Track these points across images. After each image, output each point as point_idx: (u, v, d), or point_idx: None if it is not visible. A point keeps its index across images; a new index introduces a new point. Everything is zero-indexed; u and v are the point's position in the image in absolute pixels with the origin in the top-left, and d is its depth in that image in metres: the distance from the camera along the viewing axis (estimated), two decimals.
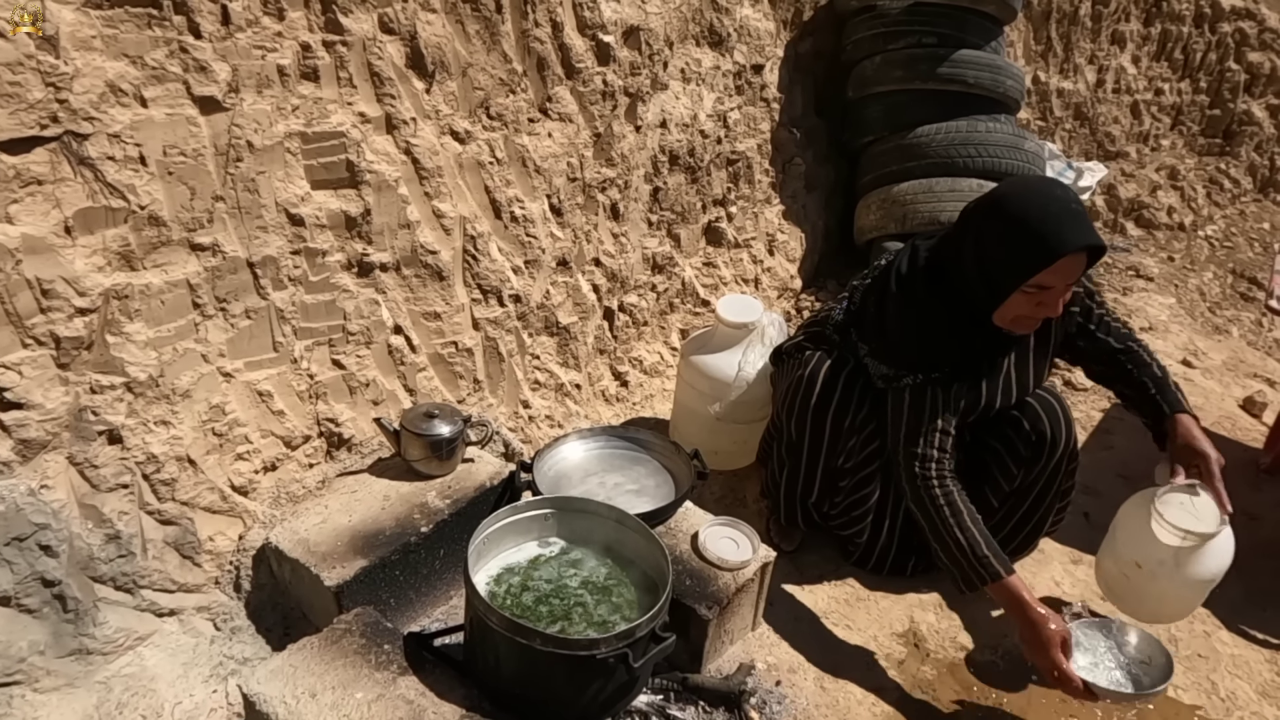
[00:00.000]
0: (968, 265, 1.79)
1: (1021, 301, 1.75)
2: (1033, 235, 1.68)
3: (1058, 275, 1.69)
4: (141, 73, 1.61)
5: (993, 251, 1.75)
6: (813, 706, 1.83)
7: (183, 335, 1.73)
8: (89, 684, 1.59)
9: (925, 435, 1.84)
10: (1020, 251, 1.70)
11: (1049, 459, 1.99)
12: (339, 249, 1.97)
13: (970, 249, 1.78)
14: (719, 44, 2.98)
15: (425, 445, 1.92)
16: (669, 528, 1.95)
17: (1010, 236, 1.72)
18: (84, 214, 1.56)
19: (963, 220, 1.83)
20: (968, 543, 1.77)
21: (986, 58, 3.22)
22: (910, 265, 1.91)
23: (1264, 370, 3.55)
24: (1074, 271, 1.70)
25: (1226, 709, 1.96)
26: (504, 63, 2.22)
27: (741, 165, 3.16)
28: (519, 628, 1.42)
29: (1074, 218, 1.68)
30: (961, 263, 1.80)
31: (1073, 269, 1.70)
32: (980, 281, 1.78)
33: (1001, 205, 1.75)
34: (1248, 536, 2.48)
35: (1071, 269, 1.69)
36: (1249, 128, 4.89)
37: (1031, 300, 1.74)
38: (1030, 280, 1.70)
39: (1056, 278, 1.70)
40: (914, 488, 1.85)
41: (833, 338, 2.06)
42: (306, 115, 1.85)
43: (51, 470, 1.55)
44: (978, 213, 1.80)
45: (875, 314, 1.93)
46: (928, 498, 1.82)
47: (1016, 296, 1.74)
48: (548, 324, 2.50)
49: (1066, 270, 1.69)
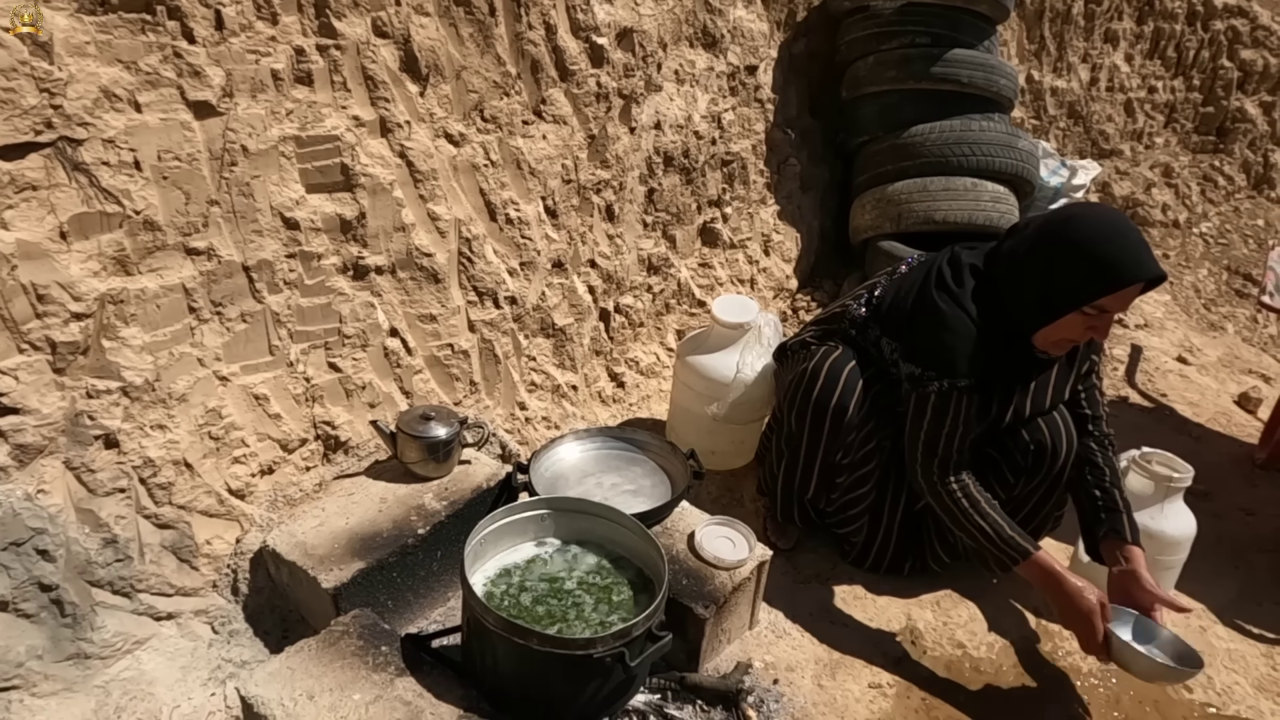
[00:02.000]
0: (1028, 280, 1.80)
1: (1076, 323, 1.79)
2: (1109, 259, 1.72)
3: (1119, 300, 1.75)
4: (135, 78, 1.61)
5: (1062, 269, 1.76)
6: (810, 705, 1.84)
7: (178, 339, 1.74)
8: (87, 688, 1.59)
9: (945, 442, 1.87)
10: (1094, 272, 1.73)
11: (1048, 470, 1.99)
12: (334, 252, 1.97)
13: (1036, 265, 1.79)
14: (712, 45, 2.98)
15: (422, 447, 1.93)
16: (665, 528, 1.95)
17: (1086, 257, 1.73)
18: (79, 219, 1.56)
19: (1028, 238, 1.84)
20: (992, 529, 1.83)
21: (980, 57, 3.23)
22: (954, 271, 1.91)
23: (1259, 366, 3.57)
24: (1131, 299, 1.77)
25: (1223, 703, 1.96)
26: (498, 65, 2.23)
27: (736, 166, 3.16)
28: (516, 628, 1.43)
29: (1145, 248, 1.75)
30: (1020, 277, 1.82)
31: (1131, 296, 1.76)
32: (1038, 298, 1.79)
33: (1077, 227, 1.77)
34: (1244, 532, 2.51)
35: (1131, 296, 1.76)
36: (1242, 125, 4.91)
37: (1086, 322, 1.78)
38: (1096, 301, 1.74)
39: (1117, 302, 1.76)
40: (930, 487, 1.89)
41: (849, 332, 2.06)
42: (301, 119, 1.86)
43: (48, 475, 1.56)
44: (1048, 232, 1.80)
45: (910, 313, 1.92)
46: (945, 494, 1.87)
47: (1073, 317, 1.78)
48: (544, 326, 2.50)
49: (1127, 297, 1.75)
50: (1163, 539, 2.03)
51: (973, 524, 1.84)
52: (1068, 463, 2.00)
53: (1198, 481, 2.06)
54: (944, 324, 1.85)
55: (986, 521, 1.84)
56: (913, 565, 2.19)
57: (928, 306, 1.88)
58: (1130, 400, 3.14)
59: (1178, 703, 1.96)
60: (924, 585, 2.18)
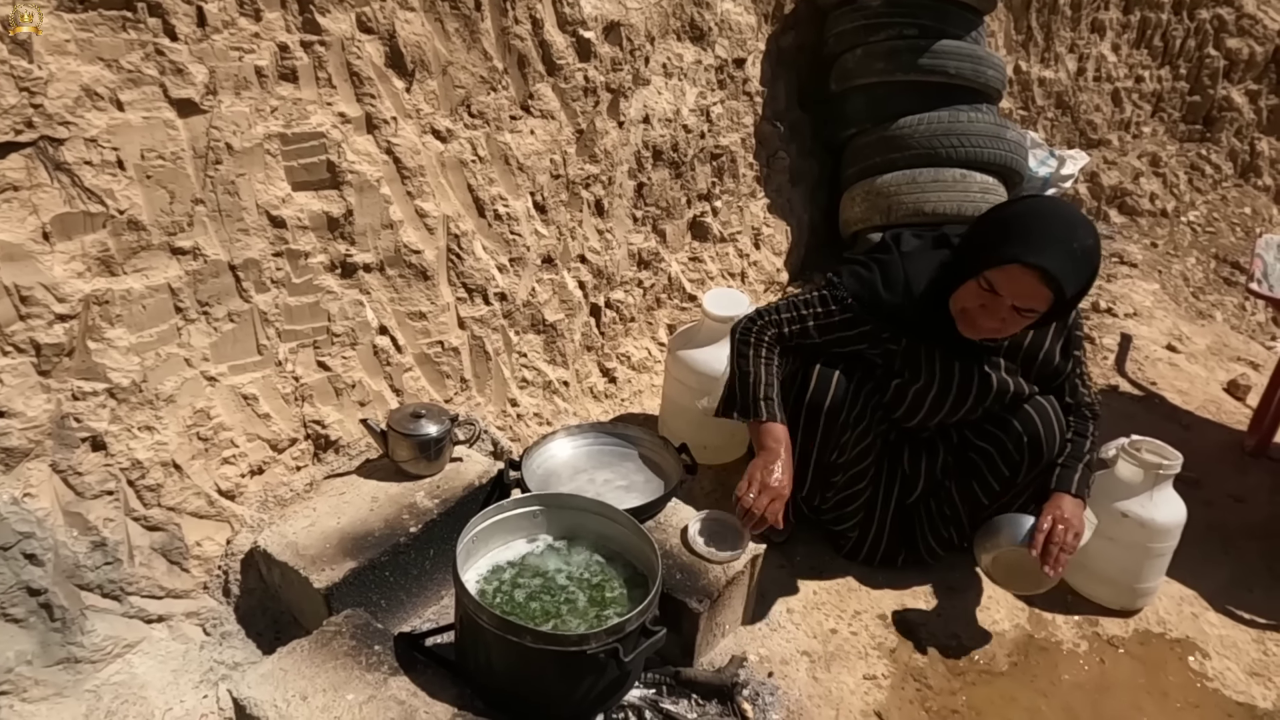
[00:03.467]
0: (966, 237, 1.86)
1: (970, 293, 1.77)
2: (1009, 231, 1.72)
3: (1007, 282, 1.70)
4: (117, 76, 1.59)
5: (973, 234, 1.82)
6: (805, 697, 1.84)
7: (165, 340, 1.72)
8: (78, 693, 1.58)
9: (783, 310, 1.94)
10: (987, 242, 1.75)
11: (1038, 462, 1.99)
12: (322, 250, 1.96)
13: (975, 225, 1.85)
14: (700, 38, 2.97)
15: (413, 445, 1.92)
16: (658, 522, 1.95)
17: (993, 227, 1.77)
18: (62, 219, 1.55)
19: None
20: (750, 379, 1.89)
21: (967, 48, 3.23)
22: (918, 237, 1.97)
23: (1247, 354, 3.59)
24: (1026, 292, 1.69)
25: (1216, 688, 1.97)
26: (484, 60, 2.22)
27: (725, 160, 3.16)
28: (509, 625, 1.42)
29: (1056, 243, 1.68)
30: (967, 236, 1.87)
31: (1025, 288, 1.69)
32: (954, 255, 1.85)
33: (1017, 206, 1.80)
34: (1234, 518, 2.52)
35: (1023, 287, 1.69)
36: (1229, 113, 4.92)
37: (979, 296, 1.76)
38: (984, 273, 1.72)
39: (1005, 284, 1.70)
40: (743, 327, 1.96)
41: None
42: (286, 116, 1.84)
43: (35, 478, 1.54)
44: (997, 207, 1.88)
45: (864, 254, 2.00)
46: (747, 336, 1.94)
47: (970, 284, 1.77)
48: (534, 322, 2.49)
49: (1017, 283, 1.69)
50: (1153, 526, 2.04)
51: (747, 365, 1.90)
52: (1062, 451, 2.00)
53: (1187, 469, 2.07)
54: (877, 262, 1.93)
55: (755, 371, 1.89)
56: (906, 558, 2.19)
57: (872, 251, 1.97)
58: (1120, 389, 3.15)
59: (1174, 684, 1.97)
60: (917, 577, 2.19)
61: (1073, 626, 2.10)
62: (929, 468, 2.12)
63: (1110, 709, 1.90)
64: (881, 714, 1.83)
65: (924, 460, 2.12)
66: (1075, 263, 1.69)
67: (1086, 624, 2.11)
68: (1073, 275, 1.68)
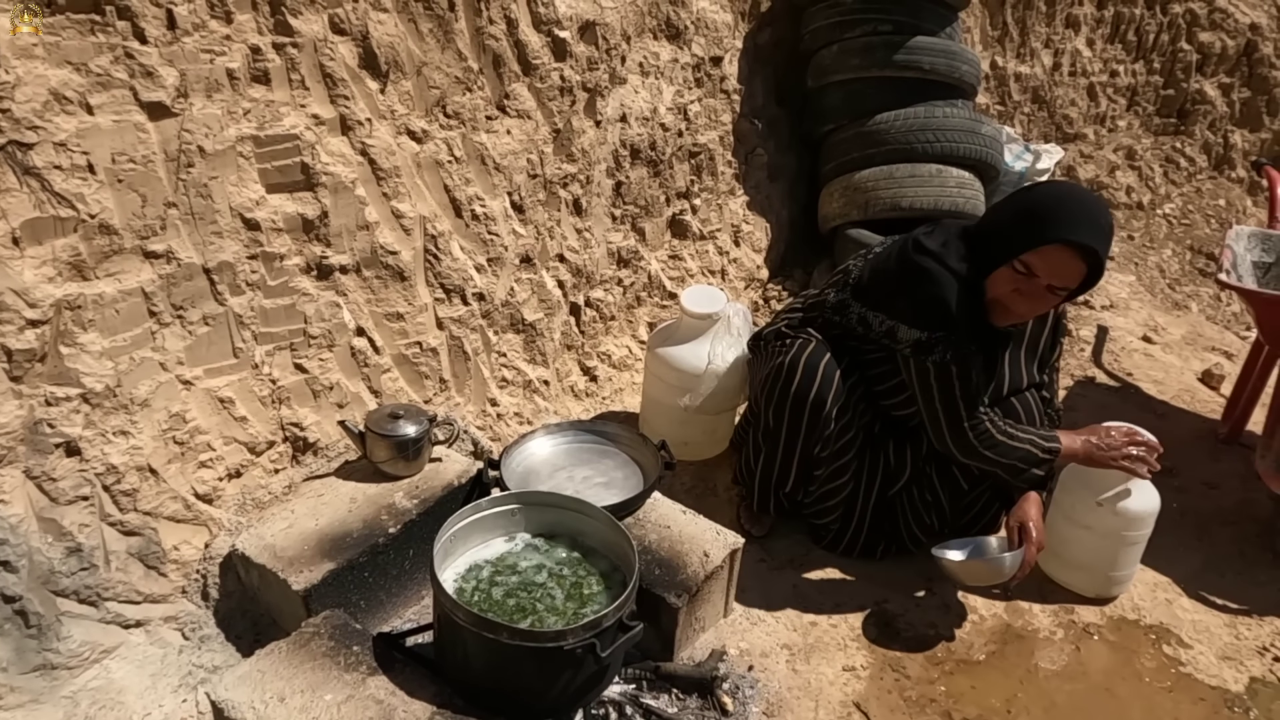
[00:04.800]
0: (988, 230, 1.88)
1: (1005, 278, 1.81)
2: (1039, 215, 1.77)
3: (1044, 263, 1.76)
4: (86, 80, 1.59)
5: (1003, 219, 1.85)
6: (785, 689, 1.85)
7: (139, 344, 1.72)
8: (55, 699, 1.57)
9: (966, 403, 1.90)
10: (1021, 223, 1.79)
11: None
12: (297, 252, 1.95)
13: (994, 216, 1.90)
14: (676, 37, 2.98)
15: (391, 446, 1.92)
16: (637, 519, 1.96)
17: (1024, 210, 1.82)
18: (32, 224, 1.54)
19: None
20: (1030, 445, 1.94)
21: (942, 44, 3.25)
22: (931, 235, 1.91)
23: (1222, 344, 3.63)
24: (1063, 270, 1.76)
25: (1189, 673, 2.00)
26: (459, 61, 2.22)
27: (704, 157, 3.17)
28: (485, 622, 1.43)
29: (1086, 219, 1.74)
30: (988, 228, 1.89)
31: (1062, 266, 1.76)
32: (985, 244, 1.86)
33: (1040, 190, 1.89)
34: (1207, 505, 2.56)
35: (1060, 265, 1.76)
36: (1202, 106, 4.98)
37: (1013, 281, 1.80)
38: (1020, 256, 1.77)
39: (1043, 265, 1.76)
40: (965, 449, 1.93)
41: (830, 317, 2.04)
42: (258, 118, 1.84)
43: (7, 484, 1.53)
44: (1017, 193, 1.91)
45: (897, 277, 1.90)
46: (980, 444, 1.92)
47: (1003, 271, 1.81)
48: (513, 321, 2.50)
49: (1055, 263, 1.75)
50: (1127, 515, 2.07)
51: (1017, 450, 1.93)
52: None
53: (1162, 458, 2.09)
54: (931, 279, 1.84)
55: (1024, 441, 1.93)
56: (885, 548, 2.21)
57: (911, 267, 1.87)
58: (1096, 380, 3.19)
59: (1148, 669, 1.99)
60: (896, 568, 2.21)
61: (1049, 615, 2.13)
62: (913, 456, 2.14)
63: (1086, 695, 1.93)
64: (861, 704, 1.85)
65: (908, 449, 2.14)
66: (1105, 236, 1.77)
67: (1063, 612, 2.14)
68: (1104, 249, 1.76)
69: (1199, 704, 1.93)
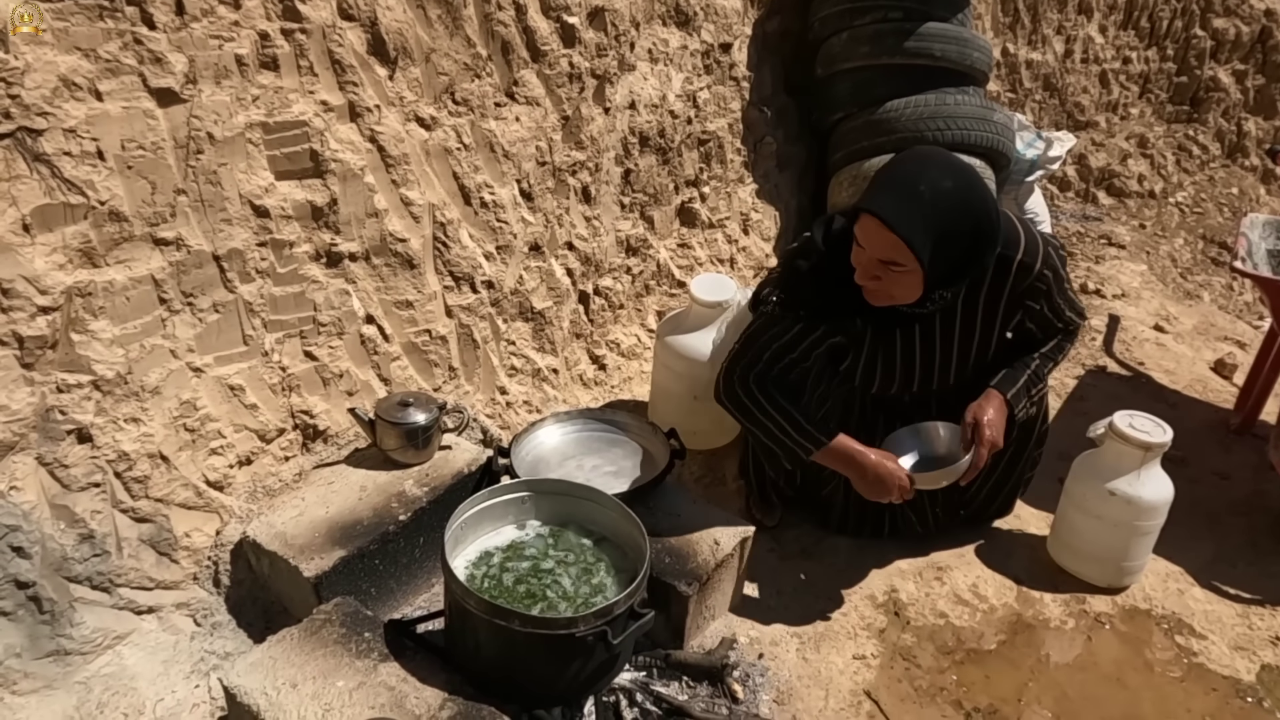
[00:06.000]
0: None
1: (854, 255, 1.74)
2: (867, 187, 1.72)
3: (863, 235, 1.68)
4: (95, 66, 1.58)
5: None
6: (795, 678, 1.85)
7: (149, 331, 1.72)
8: (68, 685, 1.58)
9: (758, 349, 1.87)
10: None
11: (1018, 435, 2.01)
12: (306, 240, 1.95)
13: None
14: (686, 23, 2.96)
15: (401, 434, 1.92)
16: (647, 507, 1.95)
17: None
18: (42, 211, 1.54)
19: None
20: (787, 422, 1.85)
21: (953, 30, 3.22)
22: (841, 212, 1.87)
23: (1234, 333, 3.60)
24: (876, 241, 1.66)
25: (1201, 662, 2.00)
26: (467, 47, 2.20)
27: (713, 145, 3.15)
28: (497, 609, 1.43)
29: (891, 186, 1.66)
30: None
31: (873, 237, 1.66)
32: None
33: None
34: (1219, 496, 2.54)
35: (871, 236, 1.66)
36: (1216, 94, 4.93)
37: (857, 256, 1.73)
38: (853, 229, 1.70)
39: (863, 237, 1.69)
40: (727, 384, 1.90)
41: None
42: (267, 105, 1.83)
43: (20, 472, 1.54)
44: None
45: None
46: (741, 391, 1.87)
47: (854, 247, 1.73)
48: (522, 309, 2.49)
49: (868, 234, 1.67)
50: (1140, 505, 2.06)
51: (768, 417, 1.86)
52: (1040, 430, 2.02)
53: (1174, 447, 2.08)
54: (798, 249, 1.87)
55: (781, 415, 1.85)
56: (892, 525, 2.21)
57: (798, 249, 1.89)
58: (1108, 370, 3.17)
59: (1160, 660, 1.99)
60: (906, 557, 2.20)
61: (1060, 604, 2.12)
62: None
63: (1097, 685, 1.92)
64: (871, 693, 1.85)
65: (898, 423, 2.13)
66: (922, 205, 1.62)
67: (1074, 601, 2.13)
68: (919, 218, 1.62)
69: (1211, 694, 1.92)
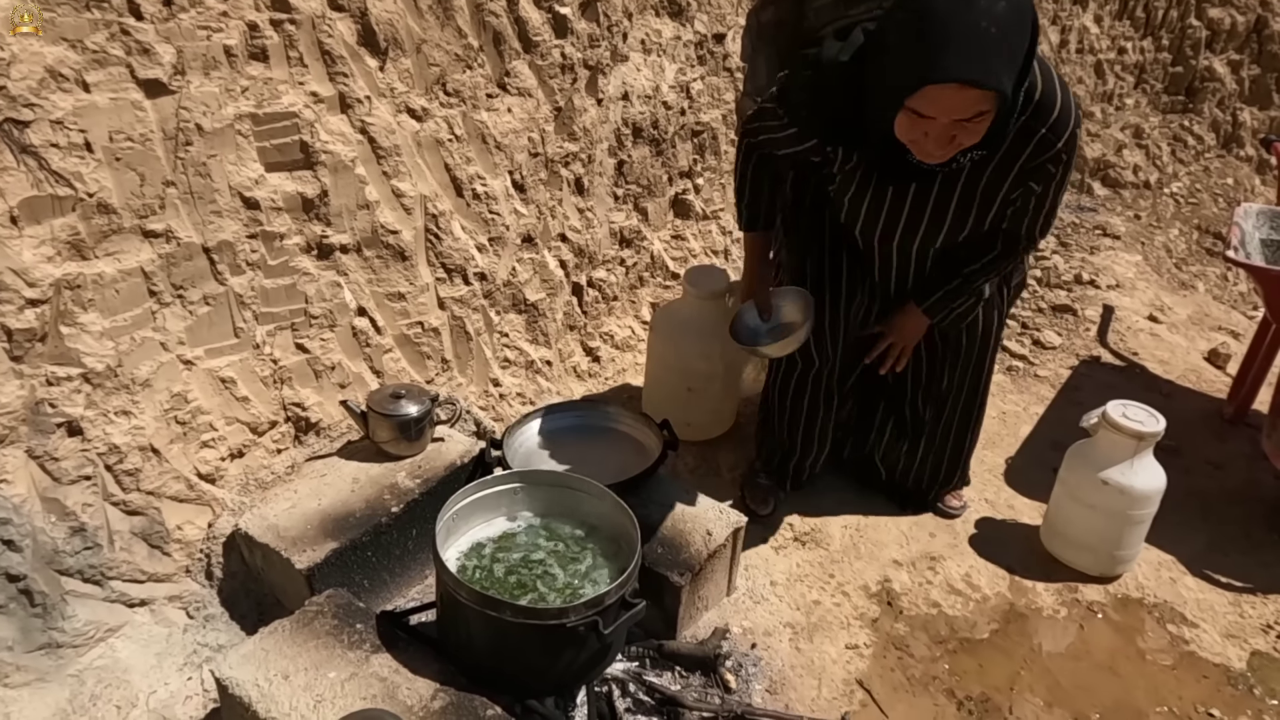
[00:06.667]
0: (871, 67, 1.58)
1: (905, 127, 1.54)
2: (899, 53, 1.46)
3: (931, 106, 1.46)
4: (82, 57, 1.57)
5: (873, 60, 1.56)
6: (788, 667, 1.86)
7: (140, 324, 1.71)
8: (60, 678, 1.58)
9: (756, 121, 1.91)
10: (888, 68, 1.50)
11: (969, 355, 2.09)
12: (297, 232, 1.94)
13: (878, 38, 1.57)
14: (679, 14, 2.95)
15: (393, 426, 1.92)
16: (640, 498, 1.95)
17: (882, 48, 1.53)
18: (29, 203, 1.53)
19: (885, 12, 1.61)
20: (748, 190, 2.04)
21: None
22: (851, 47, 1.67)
23: (1228, 323, 3.61)
24: (955, 106, 1.45)
25: (1192, 650, 2.00)
26: (459, 38, 2.19)
27: (706, 136, 3.14)
28: (488, 600, 1.43)
29: (951, 40, 1.40)
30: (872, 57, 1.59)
31: (951, 103, 1.44)
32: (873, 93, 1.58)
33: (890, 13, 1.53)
34: (1212, 485, 2.55)
35: (948, 104, 1.44)
36: (1211, 84, 4.92)
37: (916, 127, 1.52)
38: (904, 105, 1.48)
39: (931, 108, 1.46)
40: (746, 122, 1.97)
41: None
42: (257, 96, 1.82)
43: (10, 465, 1.54)
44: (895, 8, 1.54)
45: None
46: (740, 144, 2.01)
47: (900, 120, 1.53)
48: (515, 301, 2.49)
49: (941, 103, 1.45)
50: (1133, 494, 2.06)
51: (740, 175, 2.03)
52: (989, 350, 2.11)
53: (1167, 437, 2.08)
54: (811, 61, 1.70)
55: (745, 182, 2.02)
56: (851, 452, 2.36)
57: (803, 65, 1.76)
58: (1102, 359, 3.17)
59: (1152, 648, 1.99)
60: (899, 547, 2.21)
61: (1053, 593, 2.13)
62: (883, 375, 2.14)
63: (1089, 673, 1.93)
64: (864, 682, 1.85)
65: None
66: (992, 43, 1.40)
67: (1066, 590, 2.14)
68: (995, 58, 1.41)
69: (1202, 682, 1.93)
